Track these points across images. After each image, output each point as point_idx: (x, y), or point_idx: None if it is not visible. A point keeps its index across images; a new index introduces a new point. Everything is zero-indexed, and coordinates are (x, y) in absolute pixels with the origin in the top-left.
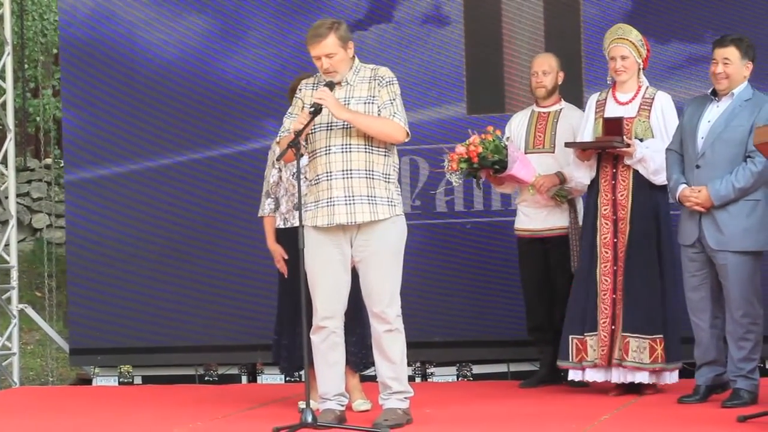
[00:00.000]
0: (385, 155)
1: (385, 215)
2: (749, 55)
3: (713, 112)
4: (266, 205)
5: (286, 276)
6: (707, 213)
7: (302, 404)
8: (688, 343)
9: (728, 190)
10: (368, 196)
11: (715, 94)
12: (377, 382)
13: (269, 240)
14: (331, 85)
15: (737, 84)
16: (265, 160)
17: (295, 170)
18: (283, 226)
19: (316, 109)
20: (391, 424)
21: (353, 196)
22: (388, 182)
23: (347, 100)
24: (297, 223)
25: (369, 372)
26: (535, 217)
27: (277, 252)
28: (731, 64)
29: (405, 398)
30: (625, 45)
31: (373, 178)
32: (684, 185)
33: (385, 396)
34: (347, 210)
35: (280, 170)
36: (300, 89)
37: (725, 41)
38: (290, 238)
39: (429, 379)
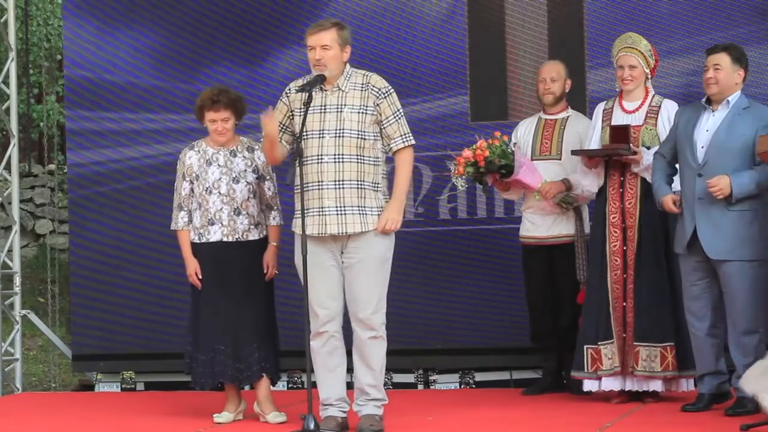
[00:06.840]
0: (374, 164)
1: (375, 225)
2: (741, 63)
3: (710, 121)
4: (179, 218)
5: (200, 289)
6: (706, 222)
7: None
8: None
9: (753, 182)
10: (359, 207)
11: (710, 102)
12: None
13: (185, 253)
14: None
15: (728, 90)
16: None
17: (208, 185)
18: (198, 241)
19: (304, 88)
20: (375, 430)
21: (344, 207)
22: (377, 191)
23: (340, 108)
24: (213, 239)
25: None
26: (541, 225)
27: (192, 266)
28: (722, 69)
29: (381, 405)
30: (634, 54)
31: (363, 188)
32: (669, 194)
33: (361, 402)
34: (338, 220)
35: (191, 182)
36: (288, 94)
37: (717, 48)
38: (205, 253)
39: (431, 387)
